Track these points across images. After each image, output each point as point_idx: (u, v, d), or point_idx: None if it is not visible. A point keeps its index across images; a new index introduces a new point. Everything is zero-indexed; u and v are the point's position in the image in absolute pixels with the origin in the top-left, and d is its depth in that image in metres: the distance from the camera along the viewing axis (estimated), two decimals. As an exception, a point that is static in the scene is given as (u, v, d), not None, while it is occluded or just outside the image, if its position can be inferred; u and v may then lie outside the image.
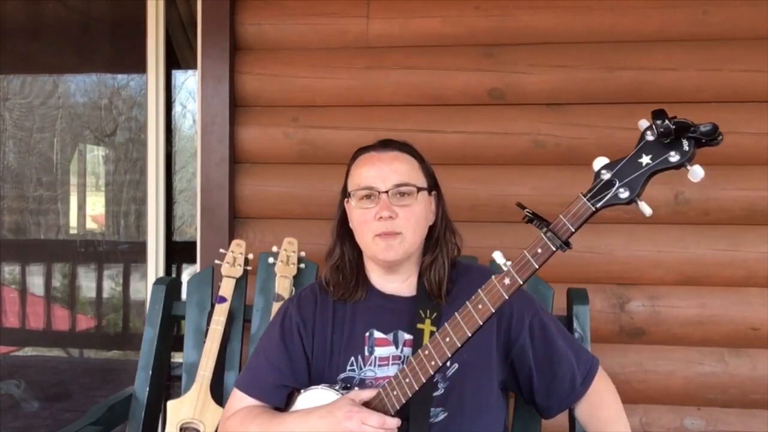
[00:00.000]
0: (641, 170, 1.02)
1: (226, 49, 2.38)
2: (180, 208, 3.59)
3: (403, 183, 1.38)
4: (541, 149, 2.28)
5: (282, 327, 1.47)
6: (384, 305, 1.44)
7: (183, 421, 1.85)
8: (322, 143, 2.38)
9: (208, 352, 1.88)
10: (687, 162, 1.00)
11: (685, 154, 1.00)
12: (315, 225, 2.26)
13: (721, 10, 2.20)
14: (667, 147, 1.00)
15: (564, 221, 1.06)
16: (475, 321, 1.15)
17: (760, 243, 2.20)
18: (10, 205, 3.65)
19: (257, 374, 1.47)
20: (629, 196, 1.03)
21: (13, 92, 3.71)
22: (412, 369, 1.23)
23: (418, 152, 1.47)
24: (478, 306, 1.14)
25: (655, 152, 1.01)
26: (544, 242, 1.07)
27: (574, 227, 1.06)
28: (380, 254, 1.38)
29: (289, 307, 1.50)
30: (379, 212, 1.35)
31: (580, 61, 2.26)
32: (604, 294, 2.26)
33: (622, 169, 1.03)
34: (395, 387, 1.25)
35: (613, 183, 1.03)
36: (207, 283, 2.02)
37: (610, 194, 1.03)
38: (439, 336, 1.20)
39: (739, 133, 2.19)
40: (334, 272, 1.46)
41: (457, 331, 1.17)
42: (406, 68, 2.33)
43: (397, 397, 1.25)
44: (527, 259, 1.09)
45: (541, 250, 1.08)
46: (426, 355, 1.21)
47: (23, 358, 3.95)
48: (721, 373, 2.23)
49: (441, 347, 1.19)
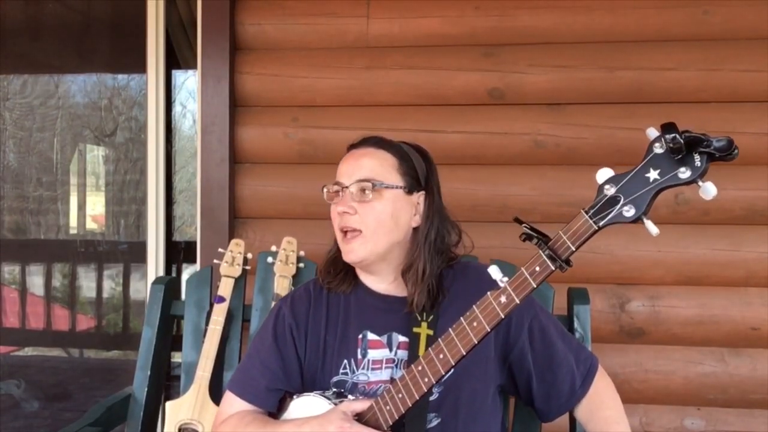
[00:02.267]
0: (648, 186, 0.94)
1: (226, 49, 2.38)
2: (180, 208, 3.59)
3: (363, 179, 1.34)
4: (541, 149, 2.28)
5: (275, 329, 1.44)
6: (377, 305, 1.41)
7: (182, 422, 1.85)
8: (322, 143, 2.38)
9: (207, 352, 1.87)
10: (699, 178, 0.93)
11: (696, 170, 0.93)
12: (315, 225, 2.25)
13: (721, 10, 2.20)
14: (678, 161, 0.92)
15: (564, 239, 1.00)
16: (470, 339, 1.12)
17: (760, 243, 2.20)
18: (10, 205, 3.65)
19: (250, 377, 1.44)
20: (635, 214, 0.95)
21: (13, 92, 3.72)
22: (405, 385, 1.20)
23: (404, 151, 1.41)
24: (473, 324, 1.11)
25: (663, 167, 0.93)
26: (543, 260, 1.01)
27: (575, 246, 1.00)
28: (344, 256, 1.37)
29: (282, 307, 1.47)
30: (337, 207, 1.35)
31: (580, 61, 2.26)
32: (604, 294, 2.26)
33: (627, 185, 0.95)
34: (388, 402, 1.23)
35: (617, 200, 0.95)
36: (206, 283, 2.01)
37: (614, 212, 0.95)
38: (433, 352, 1.16)
39: (739, 133, 2.18)
40: (327, 263, 1.46)
41: (452, 348, 1.14)
42: (406, 68, 2.33)
43: (390, 412, 1.23)
44: (525, 277, 1.04)
45: (540, 269, 1.02)
46: (419, 371, 1.18)
47: (23, 358, 3.96)
48: (721, 373, 2.22)
49: (435, 364, 1.16)
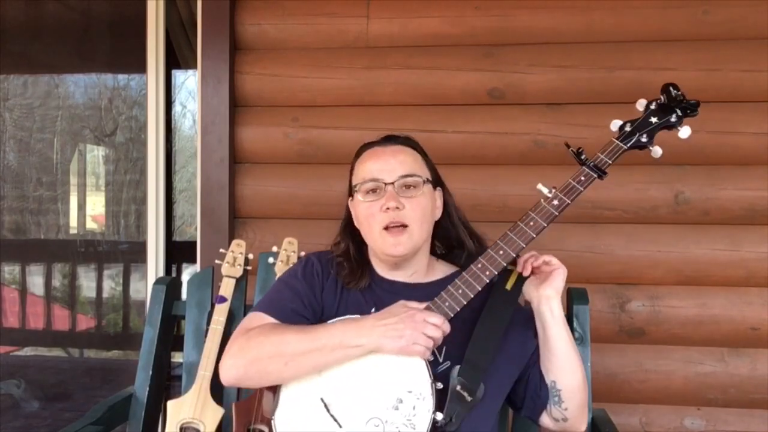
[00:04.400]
0: (653, 125, 1.35)
1: (226, 49, 2.38)
2: (180, 208, 3.60)
3: (408, 174, 1.38)
4: (541, 149, 2.28)
5: (304, 269, 1.47)
6: (389, 289, 1.43)
7: (183, 421, 1.85)
8: (322, 143, 2.38)
9: (209, 352, 1.88)
10: (679, 124, 1.35)
11: (680, 117, 1.36)
12: (315, 225, 2.26)
13: (721, 10, 2.20)
14: (667, 112, 1.36)
15: (602, 156, 1.32)
16: (528, 234, 1.29)
17: (760, 243, 2.20)
18: (10, 205, 3.65)
19: (279, 299, 1.43)
20: (647, 141, 1.34)
21: (14, 92, 3.72)
22: (465, 281, 1.29)
23: (422, 148, 1.48)
24: (530, 223, 1.30)
25: (659, 116, 1.35)
26: (587, 171, 1.31)
27: (611, 160, 1.32)
28: (388, 249, 1.37)
29: (311, 257, 1.50)
30: (386, 203, 1.35)
31: (580, 61, 2.26)
32: (604, 294, 2.27)
33: (639, 125, 1.35)
34: (447, 299, 1.28)
35: (634, 132, 1.34)
36: (207, 283, 2.02)
37: (635, 138, 1.33)
38: (492, 251, 1.30)
39: (739, 133, 2.19)
40: (340, 263, 1.47)
41: (511, 244, 1.29)
42: (406, 68, 2.33)
43: (450, 306, 1.27)
44: (573, 185, 1.31)
45: (584, 178, 1.31)
46: (479, 268, 1.29)
47: (23, 358, 3.96)
48: (721, 373, 2.23)
49: (495, 259, 1.29)
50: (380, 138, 1.48)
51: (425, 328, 1.22)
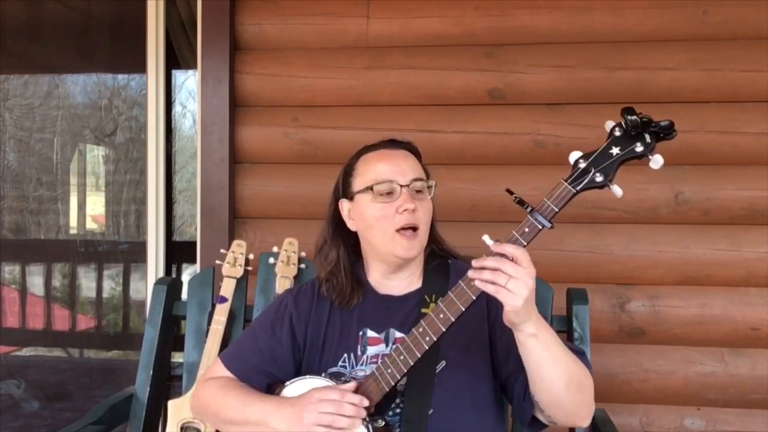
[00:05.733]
0: (612, 159, 1.16)
1: (226, 49, 2.38)
2: (180, 208, 3.59)
3: (418, 177, 1.40)
4: (541, 149, 2.28)
5: (275, 314, 1.48)
6: (378, 304, 1.44)
7: (184, 421, 1.86)
8: (322, 143, 2.38)
9: (209, 352, 1.88)
10: (649, 153, 1.15)
11: (648, 145, 1.14)
12: (315, 225, 2.23)
13: (721, 10, 2.20)
14: (633, 139, 1.15)
15: (548, 203, 1.18)
16: (468, 296, 1.21)
17: (760, 243, 2.20)
18: (10, 205, 3.65)
19: (241, 353, 1.48)
20: (603, 180, 1.16)
21: (14, 92, 3.71)
22: (407, 347, 1.26)
23: (420, 154, 1.49)
24: (471, 283, 1.20)
25: (623, 144, 1.16)
26: (531, 222, 1.18)
27: (558, 208, 1.18)
28: (400, 252, 1.38)
29: (287, 297, 1.51)
30: (403, 205, 1.36)
31: (580, 61, 2.26)
32: (604, 294, 2.27)
33: (596, 159, 1.17)
34: (389, 365, 1.28)
35: (589, 170, 1.17)
36: (208, 284, 2.02)
37: (588, 179, 1.16)
38: (433, 314, 1.24)
39: (739, 133, 2.19)
40: (328, 279, 1.47)
41: (451, 308, 1.22)
42: (406, 68, 2.33)
43: (392, 374, 1.27)
44: (516, 237, 1.19)
45: (528, 230, 1.19)
46: (420, 333, 1.25)
47: (23, 358, 3.95)
48: (721, 373, 2.23)
49: (435, 323, 1.23)
50: (382, 140, 1.48)
51: (320, 407, 1.24)
